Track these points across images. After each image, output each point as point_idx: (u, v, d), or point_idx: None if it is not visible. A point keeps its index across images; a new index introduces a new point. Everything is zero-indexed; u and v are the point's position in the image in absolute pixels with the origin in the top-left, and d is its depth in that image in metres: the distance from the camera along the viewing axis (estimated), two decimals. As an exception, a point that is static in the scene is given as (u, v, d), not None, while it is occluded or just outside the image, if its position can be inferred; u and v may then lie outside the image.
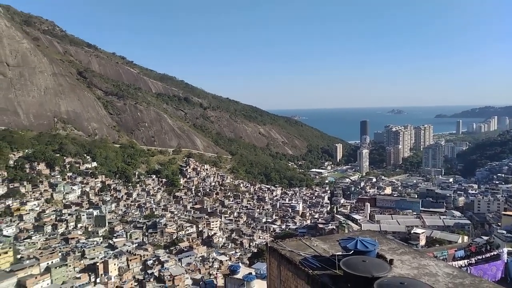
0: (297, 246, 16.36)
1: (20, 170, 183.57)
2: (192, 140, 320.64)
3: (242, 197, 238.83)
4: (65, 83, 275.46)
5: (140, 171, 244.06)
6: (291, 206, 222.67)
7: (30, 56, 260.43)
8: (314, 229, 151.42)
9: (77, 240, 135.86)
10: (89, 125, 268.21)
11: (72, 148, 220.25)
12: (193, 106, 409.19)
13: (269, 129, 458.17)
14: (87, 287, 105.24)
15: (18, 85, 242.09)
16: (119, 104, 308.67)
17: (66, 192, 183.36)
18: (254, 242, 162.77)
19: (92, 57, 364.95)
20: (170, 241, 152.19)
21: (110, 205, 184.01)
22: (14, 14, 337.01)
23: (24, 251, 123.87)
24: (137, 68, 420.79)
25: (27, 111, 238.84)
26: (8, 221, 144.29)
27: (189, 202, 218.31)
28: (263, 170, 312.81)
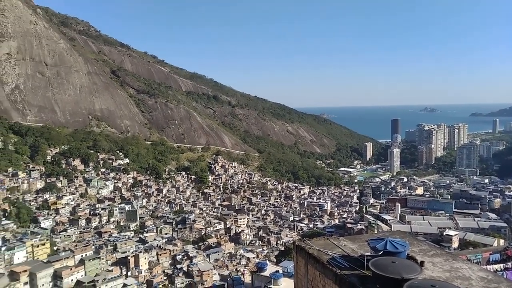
0: (325, 246, 16.31)
1: (56, 166, 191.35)
2: (221, 137, 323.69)
3: (269, 195, 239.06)
4: (99, 82, 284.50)
5: (170, 168, 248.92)
6: (319, 205, 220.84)
7: (66, 56, 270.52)
8: (343, 229, 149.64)
9: (110, 234, 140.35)
10: (122, 123, 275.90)
11: (106, 145, 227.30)
12: (221, 104, 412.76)
13: (297, 127, 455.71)
14: (119, 280, 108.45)
15: (55, 84, 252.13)
16: (151, 102, 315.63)
17: (99, 187, 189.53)
18: (281, 240, 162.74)
19: (125, 56, 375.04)
20: (198, 237, 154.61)
21: (141, 201, 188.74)
22: (52, 16, 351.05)
23: (60, 243, 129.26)
24: (167, 67, 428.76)
25: (64, 109, 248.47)
26: (45, 214, 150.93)
27: (217, 199, 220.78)
28: (291, 168, 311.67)
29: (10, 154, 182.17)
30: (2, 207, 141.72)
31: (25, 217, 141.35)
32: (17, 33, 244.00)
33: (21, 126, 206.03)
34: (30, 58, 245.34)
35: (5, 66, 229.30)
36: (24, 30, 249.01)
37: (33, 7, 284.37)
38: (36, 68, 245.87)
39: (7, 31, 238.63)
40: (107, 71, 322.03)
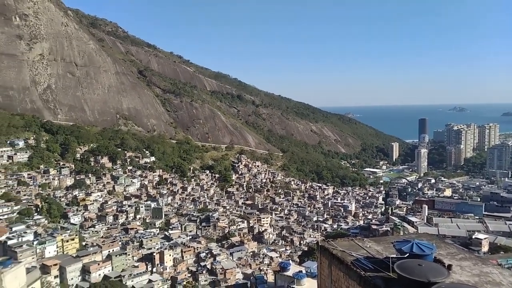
0: (349, 247, 16.19)
1: (85, 163, 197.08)
2: (244, 137, 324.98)
3: (293, 194, 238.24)
4: (126, 82, 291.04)
5: (194, 166, 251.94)
6: (343, 205, 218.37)
7: (95, 56, 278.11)
8: (367, 230, 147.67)
9: (136, 231, 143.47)
10: (148, 122, 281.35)
11: (133, 143, 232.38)
12: (245, 104, 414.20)
13: (321, 126, 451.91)
14: (144, 276, 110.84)
15: (84, 84, 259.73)
16: (176, 101, 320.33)
17: (126, 184, 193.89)
18: (304, 240, 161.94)
19: (152, 56, 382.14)
20: (222, 235, 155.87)
21: (167, 198, 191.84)
22: (82, 17, 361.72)
23: (88, 238, 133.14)
24: (193, 66, 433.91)
25: (93, 108, 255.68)
26: (75, 210, 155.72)
27: (241, 197, 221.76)
28: (315, 168, 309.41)
29: (42, 151, 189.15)
30: (34, 203, 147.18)
31: (56, 212, 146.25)
32: (49, 34, 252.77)
33: (53, 125, 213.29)
34: (61, 59, 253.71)
35: (38, 67, 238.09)
36: (55, 31, 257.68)
37: (64, 9, 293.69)
38: (66, 68, 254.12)
39: (40, 33, 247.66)
40: (134, 71, 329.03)
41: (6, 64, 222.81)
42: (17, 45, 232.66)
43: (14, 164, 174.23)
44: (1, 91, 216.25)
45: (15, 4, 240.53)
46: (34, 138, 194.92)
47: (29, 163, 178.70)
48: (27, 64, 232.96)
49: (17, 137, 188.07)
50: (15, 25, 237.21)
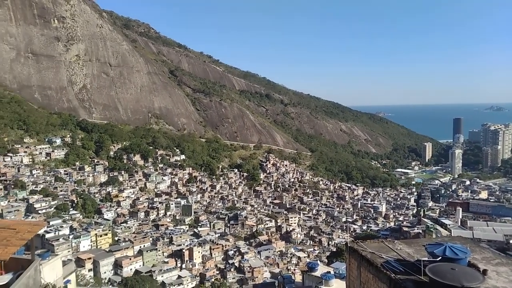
0: (379, 248, 16.02)
1: (119, 161, 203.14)
2: (273, 136, 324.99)
3: (321, 194, 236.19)
4: (158, 81, 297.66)
5: (223, 165, 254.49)
6: (373, 206, 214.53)
7: (128, 57, 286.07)
8: (398, 232, 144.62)
9: (166, 227, 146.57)
10: (179, 120, 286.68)
11: (164, 142, 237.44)
12: (274, 103, 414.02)
13: (351, 126, 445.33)
14: (174, 271, 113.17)
15: (118, 83, 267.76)
16: (206, 101, 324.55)
17: (157, 182, 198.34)
18: (333, 241, 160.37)
19: (182, 56, 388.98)
20: (250, 234, 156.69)
21: (196, 196, 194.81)
22: (116, 19, 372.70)
23: (120, 234, 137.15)
24: (222, 66, 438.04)
25: (126, 107, 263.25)
26: (108, 206, 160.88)
27: (269, 196, 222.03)
28: (344, 168, 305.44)
29: (78, 149, 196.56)
30: (70, 198, 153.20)
31: (90, 208, 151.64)
32: (85, 36, 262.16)
33: (88, 123, 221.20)
34: (96, 59, 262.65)
35: (74, 67, 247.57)
36: (91, 33, 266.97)
37: (99, 12, 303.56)
38: (101, 68, 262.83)
39: (76, 35, 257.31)
40: (165, 71, 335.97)
41: (45, 64, 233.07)
42: (55, 47, 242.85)
43: (51, 161, 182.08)
44: (40, 91, 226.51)
45: (53, 7, 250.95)
46: (70, 136, 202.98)
47: (66, 160, 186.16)
48: (64, 65, 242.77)
49: (55, 135, 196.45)
50: (54, 27, 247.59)
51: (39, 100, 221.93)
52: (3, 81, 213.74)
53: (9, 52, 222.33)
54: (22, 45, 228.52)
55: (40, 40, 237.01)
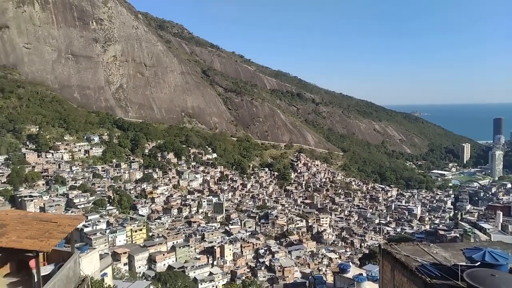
0: (413, 251, 15.66)
1: (153, 158, 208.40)
2: (304, 135, 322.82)
3: (353, 195, 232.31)
4: (191, 81, 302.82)
5: (254, 164, 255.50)
6: (408, 208, 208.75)
7: (163, 57, 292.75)
8: (434, 235, 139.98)
9: (198, 224, 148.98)
10: (211, 120, 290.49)
11: (196, 140, 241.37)
12: (305, 102, 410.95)
13: (385, 125, 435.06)
14: (206, 268, 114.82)
15: (153, 83, 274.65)
16: (237, 100, 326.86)
17: (190, 179, 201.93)
18: (365, 242, 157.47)
19: (215, 56, 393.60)
20: (280, 233, 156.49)
21: (227, 194, 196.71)
22: (151, 20, 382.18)
23: (154, 230, 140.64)
24: (254, 65, 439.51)
25: (160, 106, 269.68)
26: (143, 202, 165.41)
27: (299, 196, 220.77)
28: (377, 168, 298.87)
29: (115, 147, 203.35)
30: (107, 194, 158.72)
31: (126, 204, 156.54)
32: (122, 37, 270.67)
33: (124, 122, 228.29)
34: (132, 60, 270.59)
35: (111, 68, 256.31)
36: (127, 34, 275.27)
37: (135, 13, 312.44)
38: (137, 68, 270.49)
39: (113, 36, 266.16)
40: (198, 70, 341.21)
41: (84, 65, 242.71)
42: (93, 48, 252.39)
43: (90, 158, 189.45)
44: (80, 90, 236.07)
45: (92, 10, 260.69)
46: (107, 134, 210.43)
47: (103, 157, 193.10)
48: (101, 65, 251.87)
49: (93, 133, 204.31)
50: (92, 29, 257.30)
51: (78, 99, 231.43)
52: (45, 81, 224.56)
53: (51, 53, 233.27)
54: (63, 46, 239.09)
55: (80, 42, 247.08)
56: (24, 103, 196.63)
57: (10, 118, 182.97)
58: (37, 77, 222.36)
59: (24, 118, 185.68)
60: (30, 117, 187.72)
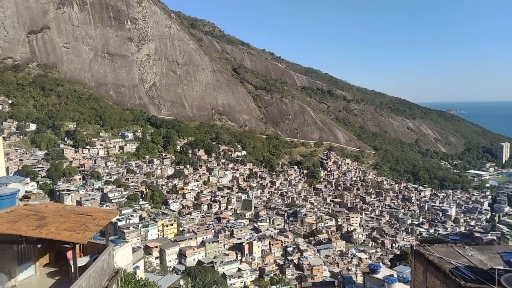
0: (447, 253, 15.20)
1: (184, 155, 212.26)
2: (334, 133, 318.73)
3: (385, 195, 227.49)
4: (222, 79, 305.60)
5: (283, 161, 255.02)
6: (442, 209, 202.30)
7: (194, 55, 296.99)
8: (469, 238, 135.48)
9: (228, 220, 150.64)
10: (241, 117, 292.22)
11: (226, 138, 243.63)
12: (336, 99, 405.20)
13: (419, 123, 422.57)
14: (234, 264, 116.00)
15: (185, 81, 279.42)
16: (267, 97, 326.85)
17: (220, 176, 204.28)
18: (397, 243, 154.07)
19: (245, 54, 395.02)
20: (309, 231, 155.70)
21: (256, 191, 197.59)
22: (183, 19, 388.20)
23: (185, 225, 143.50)
24: (284, 63, 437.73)
25: (191, 103, 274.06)
26: (174, 197, 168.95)
27: (329, 195, 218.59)
28: (410, 168, 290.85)
29: (148, 143, 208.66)
30: (140, 189, 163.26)
31: (158, 199, 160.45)
32: (155, 36, 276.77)
33: (157, 119, 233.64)
34: (165, 58, 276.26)
35: (145, 66, 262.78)
36: (160, 33, 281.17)
37: (168, 12, 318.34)
38: (169, 67, 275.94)
39: (147, 35, 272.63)
40: (229, 68, 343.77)
41: (119, 64, 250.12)
42: (128, 47, 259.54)
43: (124, 154, 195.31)
44: (115, 88, 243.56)
45: (127, 10, 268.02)
46: (141, 131, 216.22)
47: (137, 153, 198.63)
48: (136, 64, 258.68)
49: (127, 129, 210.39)
50: (127, 29, 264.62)
51: (113, 97, 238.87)
52: (83, 80, 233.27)
53: (88, 52, 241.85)
54: (99, 46, 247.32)
55: (115, 41, 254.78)
56: (63, 101, 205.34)
57: (50, 115, 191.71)
58: (75, 75, 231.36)
59: (62, 115, 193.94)
60: (68, 114, 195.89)
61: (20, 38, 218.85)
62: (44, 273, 16.17)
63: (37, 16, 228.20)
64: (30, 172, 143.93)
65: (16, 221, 13.44)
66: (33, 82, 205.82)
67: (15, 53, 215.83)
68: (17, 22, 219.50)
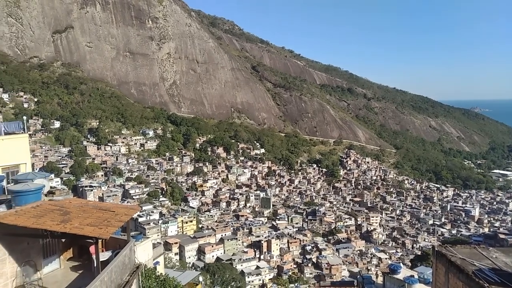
0: (470, 255, 14.87)
1: (203, 152, 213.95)
2: (354, 131, 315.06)
3: (406, 194, 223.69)
4: (241, 77, 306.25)
5: (302, 160, 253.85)
6: (465, 210, 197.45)
7: (214, 54, 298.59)
8: (493, 239, 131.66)
9: (246, 218, 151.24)
10: (259, 115, 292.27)
11: (245, 135, 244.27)
12: (356, 97, 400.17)
13: (441, 122, 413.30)
14: (253, 261, 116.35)
15: (204, 79, 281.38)
16: (286, 95, 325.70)
17: (238, 174, 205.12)
18: (417, 244, 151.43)
19: (264, 52, 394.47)
20: (328, 230, 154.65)
21: (275, 189, 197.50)
22: (203, 17, 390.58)
23: (204, 222, 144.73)
24: (303, 60, 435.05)
25: (211, 102, 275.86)
26: (193, 195, 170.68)
27: (348, 194, 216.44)
28: (432, 167, 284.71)
29: (168, 141, 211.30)
30: (160, 186, 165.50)
31: (177, 196, 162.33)
32: (175, 35, 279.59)
33: (177, 117, 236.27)
34: (185, 57, 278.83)
35: (165, 65, 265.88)
36: (180, 32, 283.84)
37: (188, 11, 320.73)
38: (189, 65, 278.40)
39: (167, 34, 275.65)
40: (248, 66, 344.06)
41: (141, 62, 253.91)
42: (149, 46, 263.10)
43: (145, 151, 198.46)
44: (136, 87, 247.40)
45: (148, 9, 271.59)
46: (161, 128, 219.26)
47: (157, 150, 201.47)
48: (156, 62, 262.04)
49: (148, 127, 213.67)
50: (148, 28, 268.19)
51: (135, 95, 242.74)
52: (105, 78, 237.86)
53: (111, 51, 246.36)
54: (121, 44, 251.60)
55: (137, 40, 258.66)
56: (86, 99, 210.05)
57: (73, 112, 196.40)
58: (98, 74, 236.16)
59: (85, 112, 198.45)
60: (91, 112, 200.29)
61: (45, 37, 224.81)
62: (68, 266, 16.61)
63: (62, 16, 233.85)
64: (54, 168, 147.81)
65: (41, 216, 13.84)
66: (58, 81, 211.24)
67: (41, 52, 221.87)
68: (43, 22, 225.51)
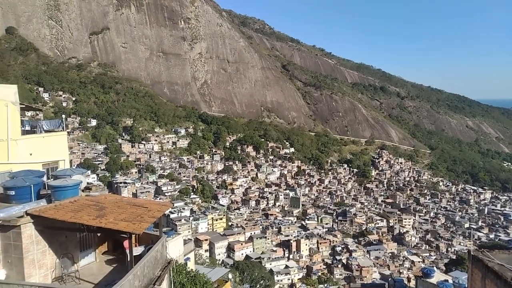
0: (508, 260, 14.29)
1: (233, 151, 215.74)
2: (386, 131, 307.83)
3: (441, 196, 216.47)
4: (271, 76, 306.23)
5: (332, 159, 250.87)
6: (504, 213, 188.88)
7: (244, 53, 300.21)
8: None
9: (275, 217, 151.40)
10: (289, 114, 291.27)
11: (274, 134, 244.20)
12: (389, 96, 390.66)
13: (479, 122, 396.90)
14: (282, 260, 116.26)
15: (235, 79, 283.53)
16: (316, 94, 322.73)
17: (267, 173, 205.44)
18: (452, 247, 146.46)
19: (295, 50, 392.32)
20: (358, 231, 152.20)
21: (304, 189, 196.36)
22: (234, 17, 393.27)
23: (233, 219, 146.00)
24: (334, 59, 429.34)
25: (241, 101, 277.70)
26: (223, 192, 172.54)
27: (380, 195, 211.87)
28: (469, 168, 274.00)
29: (199, 139, 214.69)
30: (191, 184, 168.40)
31: (208, 193, 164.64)
32: (207, 35, 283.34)
33: (208, 116, 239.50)
34: (216, 57, 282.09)
35: (197, 64, 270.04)
36: (212, 32, 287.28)
37: (219, 11, 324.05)
38: (220, 65, 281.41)
39: (199, 34, 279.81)
40: (278, 65, 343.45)
41: (173, 62, 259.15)
42: (181, 46, 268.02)
43: (176, 149, 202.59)
44: (169, 86, 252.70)
45: (180, 10, 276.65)
46: (193, 127, 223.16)
47: (188, 148, 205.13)
48: (188, 62, 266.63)
49: (180, 126, 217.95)
50: (180, 28, 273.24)
51: (167, 94, 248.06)
52: (139, 78, 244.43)
53: (144, 52, 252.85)
54: (154, 45, 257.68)
55: (169, 40, 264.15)
56: (121, 98, 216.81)
57: (109, 111, 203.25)
58: (132, 74, 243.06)
59: (120, 111, 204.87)
60: (125, 111, 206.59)
61: (83, 39, 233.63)
62: (103, 260, 17.24)
63: (98, 18, 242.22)
64: (91, 165, 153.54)
65: (78, 211, 14.44)
66: (94, 80, 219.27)
67: (79, 53, 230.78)
68: (81, 24, 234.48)
